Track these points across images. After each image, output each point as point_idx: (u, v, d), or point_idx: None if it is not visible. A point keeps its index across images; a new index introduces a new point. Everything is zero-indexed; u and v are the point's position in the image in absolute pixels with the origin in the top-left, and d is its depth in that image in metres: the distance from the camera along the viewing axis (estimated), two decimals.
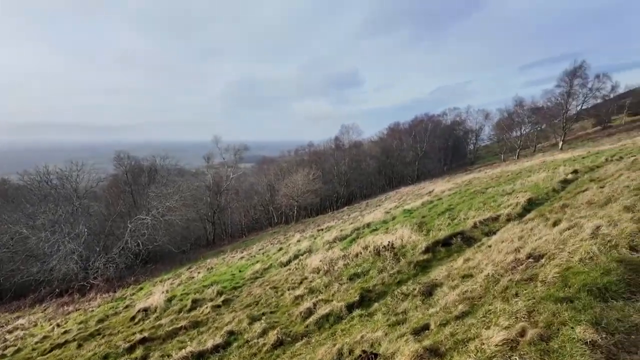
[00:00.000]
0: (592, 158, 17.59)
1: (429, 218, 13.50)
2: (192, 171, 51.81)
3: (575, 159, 20.16)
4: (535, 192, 11.76)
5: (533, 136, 62.87)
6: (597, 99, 50.37)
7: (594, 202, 7.50)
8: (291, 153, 68.44)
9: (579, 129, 68.93)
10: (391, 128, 78.62)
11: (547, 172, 15.36)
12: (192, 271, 20.56)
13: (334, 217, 33.90)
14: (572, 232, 5.18)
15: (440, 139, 73.89)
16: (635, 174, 8.42)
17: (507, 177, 19.84)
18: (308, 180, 44.92)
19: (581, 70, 45.80)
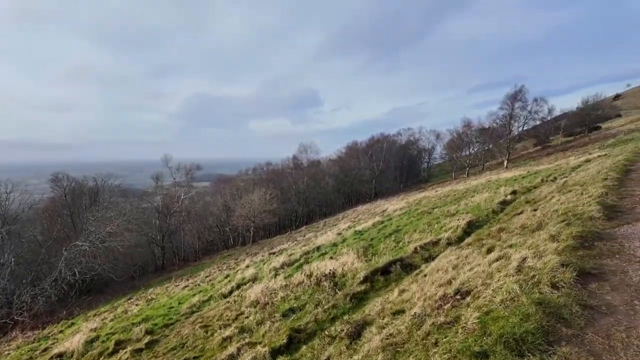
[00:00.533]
0: (530, 178, 18.42)
1: (377, 240, 13.26)
2: (142, 192, 49.05)
3: (516, 178, 21.08)
4: (476, 214, 11.90)
5: (481, 155, 66.21)
6: (536, 120, 54.08)
7: (527, 226, 7.53)
8: (249, 172, 67.16)
9: (522, 149, 73.63)
10: (349, 147, 79.80)
11: (489, 193, 15.79)
12: (132, 302, 18.92)
13: (290, 238, 33.13)
14: (500, 265, 4.99)
15: (395, 157, 75.81)
16: (564, 197, 8.62)
17: (454, 197, 20.29)
18: (265, 200, 43.96)
19: (521, 94, 49.21)
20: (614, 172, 9.61)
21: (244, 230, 45.79)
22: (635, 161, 11.40)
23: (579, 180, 10.32)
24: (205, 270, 25.07)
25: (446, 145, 77.01)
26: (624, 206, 6.84)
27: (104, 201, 30.13)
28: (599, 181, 9.05)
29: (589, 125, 62.05)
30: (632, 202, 7.05)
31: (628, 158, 11.55)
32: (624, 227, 5.71)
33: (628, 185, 8.47)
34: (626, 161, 11.18)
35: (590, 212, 6.46)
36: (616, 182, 8.68)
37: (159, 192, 37.29)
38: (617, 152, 15.68)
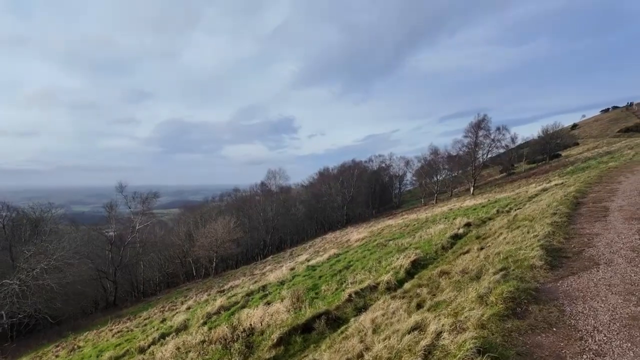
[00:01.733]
0: (489, 208, 17.82)
1: (323, 280, 11.99)
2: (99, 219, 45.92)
3: (475, 207, 20.52)
4: (426, 250, 10.90)
5: (449, 182, 66.90)
6: (500, 148, 55.24)
7: (467, 271, 6.52)
8: (215, 199, 64.84)
9: (488, 175, 75.11)
10: (321, 173, 79.12)
11: (445, 224, 14.94)
12: (57, 351, 16.59)
13: (249, 271, 31.19)
14: (413, 340, 3.83)
15: (367, 184, 75.58)
16: (511, 234, 7.72)
17: (414, 227, 19.42)
18: (229, 229, 41.91)
19: (484, 122, 50.27)
20: (564, 205, 8.85)
21: (206, 261, 43.30)
22: (586, 192, 10.78)
23: (529, 214, 9.52)
24: (149, 309, 22.78)
25: (415, 172, 77.72)
26: (570, 249, 5.93)
27: (44, 233, 27.46)
28: (548, 216, 8.23)
29: (550, 153, 64.11)
30: (579, 244, 6.16)
31: (579, 189, 10.93)
32: (567, 280, 4.73)
33: (577, 222, 7.67)
34: (577, 192, 10.53)
35: (532, 258, 5.49)
36: (565, 218, 7.86)
37: (112, 222, 34.65)
38: (571, 182, 15.28)
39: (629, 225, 7.07)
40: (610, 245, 5.97)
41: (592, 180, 13.27)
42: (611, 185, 11.67)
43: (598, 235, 6.65)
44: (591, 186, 11.89)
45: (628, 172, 14.96)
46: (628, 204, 8.73)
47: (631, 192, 10.15)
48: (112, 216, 34.91)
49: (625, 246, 5.86)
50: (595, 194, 10.55)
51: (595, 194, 10.57)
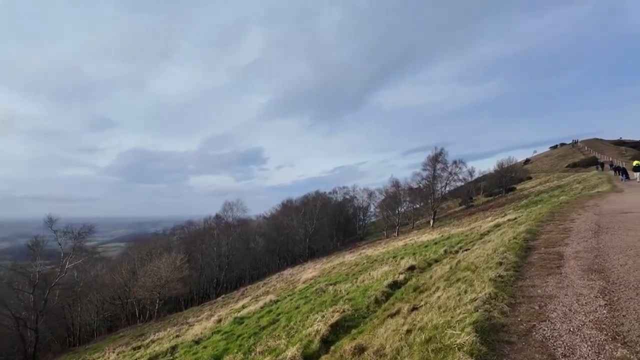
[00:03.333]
0: (439, 246, 16.28)
1: (236, 343, 9.63)
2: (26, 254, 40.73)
3: (427, 243, 19.01)
4: (358, 304, 8.92)
5: (411, 214, 66.40)
6: (457, 181, 55.60)
7: (384, 352, 4.58)
8: (167, 232, 60.45)
9: (449, 208, 75.54)
10: (284, 205, 76.74)
11: (390, 265, 13.14)
12: None
13: (185, 318, 27.79)
14: None
15: (331, 216, 73.87)
16: (446, 294, 5.90)
17: (362, 267, 17.52)
18: (174, 266, 38.22)
19: (441, 156, 50.59)
20: (512, 251, 7.22)
21: (149, 303, 39.01)
22: (537, 232, 9.32)
23: (473, 261, 7.82)
24: None
25: (378, 204, 77.10)
26: (515, 327, 4.13)
27: None
28: (492, 266, 6.52)
29: (506, 187, 65.44)
30: (527, 315, 4.40)
31: (530, 229, 9.47)
32: None
33: (526, 275, 5.99)
34: (528, 233, 9.04)
35: (459, 349, 3.62)
36: (512, 270, 6.17)
37: (36, 259, 30.26)
38: (523, 218, 14.04)
39: (588, 281, 5.45)
40: (569, 319, 4.23)
41: (544, 217, 11.97)
42: (564, 224, 10.33)
43: (552, 298, 4.94)
44: (543, 224, 10.51)
45: (579, 207, 13.90)
46: (584, 249, 7.25)
47: (585, 233, 8.77)
48: (38, 253, 30.62)
49: (588, 320, 4.13)
50: (548, 234, 9.10)
51: (547, 234, 9.12)
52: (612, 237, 8.04)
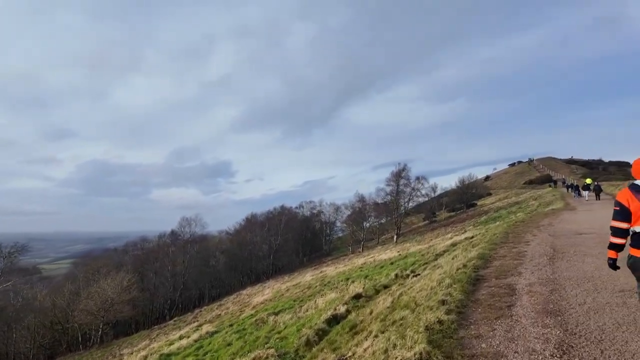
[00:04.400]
0: (393, 267, 15.24)
1: None
2: None
3: (383, 264, 17.96)
4: (288, 344, 7.53)
5: (376, 229, 65.98)
6: (420, 197, 55.89)
7: None
8: (118, 249, 56.40)
9: (413, 223, 75.94)
10: (247, 220, 74.25)
11: (337, 292, 11.85)
12: None
13: (129, 344, 25.12)
14: None
15: (297, 231, 72.20)
16: (375, 344, 4.64)
17: (314, 290, 16.15)
18: (122, 287, 35.10)
19: (404, 172, 50.73)
20: (459, 285, 6.14)
21: (92, 327, 35.47)
22: (490, 258, 8.36)
23: (416, 295, 6.68)
24: None
25: (345, 219, 76.36)
26: None
27: None
28: (434, 307, 5.35)
29: (467, 202, 66.61)
30: None
31: (483, 253, 8.50)
32: None
33: (471, 319, 4.86)
34: (479, 259, 8.06)
35: None
36: (455, 314, 5.03)
37: None
38: (477, 239, 13.24)
39: (543, 328, 4.36)
40: None
41: (499, 238, 11.15)
42: (518, 247, 9.49)
43: (498, 358, 3.80)
44: (497, 247, 9.62)
45: (534, 227, 13.28)
46: (539, 281, 6.28)
47: (540, 259, 7.89)
48: None
49: None
50: (501, 260, 8.15)
51: (500, 260, 8.17)
52: (569, 264, 7.17)
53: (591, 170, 69.51)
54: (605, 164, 79.90)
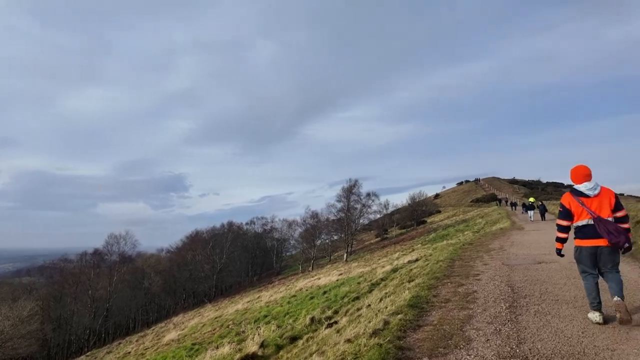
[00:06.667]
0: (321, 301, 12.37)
1: None
2: None
3: (313, 294, 15.04)
4: None
5: (328, 246, 63.32)
6: (371, 214, 54.32)
7: None
8: (32, 271, 48.81)
9: (366, 240, 74.31)
10: (191, 237, 68.54)
11: (232, 346, 8.69)
12: None
13: None
14: None
15: (246, 249, 67.81)
16: None
17: (220, 333, 12.83)
18: (20, 319, 29.12)
19: (355, 188, 48.85)
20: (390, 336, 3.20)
21: None
22: (427, 304, 5.72)
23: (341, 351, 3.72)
24: None
25: (298, 236, 73.12)
26: None
27: None
28: None
29: (417, 219, 66.12)
30: None
31: (417, 297, 5.86)
32: None
33: None
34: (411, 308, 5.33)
35: None
36: None
37: None
38: (420, 264, 10.73)
39: None
40: None
41: (443, 267, 8.64)
42: (466, 283, 6.96)
43: None
44: (438, 284, 7.02)
45: (484, 251, 11.04)
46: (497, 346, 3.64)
47: (496, 307, 5.34)
48: None
49: None
50: (442, 309, 5.52)
51: (440, 308, 5.54)
52: (539, 321, 4.63)
53: (531, 190, 72.19)
54: (544, 185, 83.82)
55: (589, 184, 4.37)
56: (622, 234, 4.09)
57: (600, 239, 4.19)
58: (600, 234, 4.16)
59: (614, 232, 4.08)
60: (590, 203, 4.28)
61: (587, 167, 4.44)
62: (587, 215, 4.27)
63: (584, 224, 4.32)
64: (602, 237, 4.16)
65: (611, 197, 4.28)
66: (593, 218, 4.21)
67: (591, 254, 4.29)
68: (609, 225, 4.13)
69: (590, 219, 4.25)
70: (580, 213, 4.32)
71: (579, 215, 4.34)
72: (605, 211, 4.22)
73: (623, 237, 4.08)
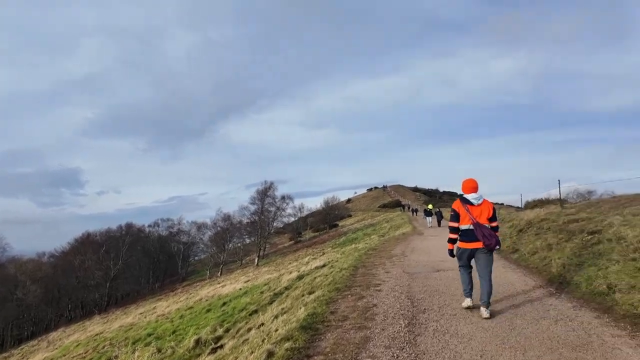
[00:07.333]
0: (217, 315, 11.07)
1: None
2: None
3: (211, 306, 13.59)
4: None
5: (239, 250, 60.85)
6: (285, 217, 53.67)
7: None
8: None
9: (279, 243, 73.46)
10: (80, 240, 59.82)
11: None
12: None
13: None
14: None
15: (147, 253, 61.52)
16: None
17: (95, 355, 10.68)
18: None
19: (271, 190, 47.74)
20: None
21: None
22: (322, 324, 4.94)
23: None
24: None
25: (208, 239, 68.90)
26: None
27: None
28: None
29: (330, 223, 67.56)
30: None
31: (313, 315, 5.11)
32: None
33: None
34: (302, 332, 4.56)
35: None
36: None
37: None
38: (325, 272, 10.13)
39: None
40: None
41: (346, 276, 8.09)
42: (366, 295, 6.44)
43: None
44: (338, 298, 6.35)
45: (387, 257, 10.93)
46: None
47: (395, 325, 4.83)
48: None
49: None
50: (337, 329, 4.85)
51: (336, 328, 4.88)
52: (437, 343, 4.16)
53: (431, 198, 79.39)
54: (441, 193, 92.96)
55: (475, 194, 5.06)
56: (494, 238, 4.81)
57: (478, 242, 4.84)
58: (478, 237, 4.82)
59: (487, 236, 4.77)
60: (474, 210, 4.95)
61: (474, 181, 5.16)
62: (469, 221, 4.91)
63: (466, 228, 4.96)
64: (479, 240, 4.81)
65: (490, 208, 5.00)
66: (473, 223, 4.86)
67: (470, 254, 5.01)
68: (485, 229, 4.82)
69: (471, 224, 4.89)
70: (465, 218, 4.95)
71: (464, 219, 4.97)
72: (483, 219, 4.91)
73: (494, 240, 4.80)
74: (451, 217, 5.18)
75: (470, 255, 5.04)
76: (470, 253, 5.01)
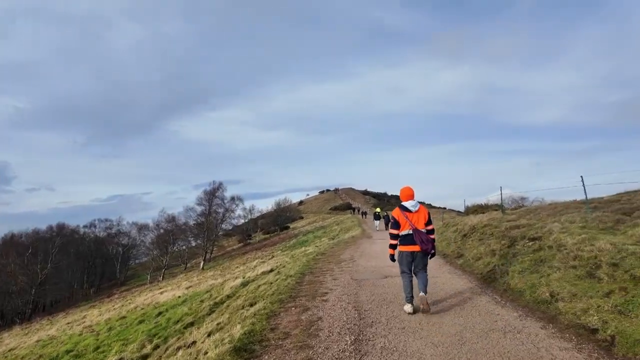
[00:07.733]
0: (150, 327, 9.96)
1: None
2: None
3: (143, 317, 12.31)
4: None
5: (184, 253, 57.80)
6: (237, 218, 51.84)
7: None
8: None
9: (227, 245, 70.95)
10: (3, 242, 53.25)
11: None
12: None
13: None
14: None
15: (81, 256, 56.31)
16: None
17: None
18: None
19: (219, 191, 45.81)
20: None
21: None
22: (262, 343, 4.25)
23: None
24: None
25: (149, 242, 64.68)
26: None
27: None
28: None
29: (281, 225, 66.58)
30: None
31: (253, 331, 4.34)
32: None
33: None
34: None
35: None
36: None
37: None
38: (270, 280, 9.49)
39: None
40: None
41: (291, 285, 7.53)
42: (311, 307, 5.94)
43: None
44: (281, 310, 5.78)
45: (335, 262, 10.56)
46: None
47: (340, 342, 4.38)
48: None
49: None
50: (278, 349, 4.39)
51: (277, 349, 4.40)
52: None
53: (379, 201, 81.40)
54: (389, 197, 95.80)
55: (412, 202, 5.36)
56: (430, 243, 5.18)
57: (415, 245, 5.18)
58: (416, 242, 5.15)
59: (424, 241, 5.12)
60: (412, 217, 5.25)
61: (411, 189, 5.43)
62: (409, 227, 5.23)
63: (406, 234, 5.28)
64: (417, 244, 5.15)
65: (426, 214, 5.31)
66: (412, 229, 5.19)
67: (408, 257, 5.31)
68: (422, 235, 5.16)
69: (410, 230, 5.22)
70: (405, 225, 5.26)
71: (404, 226, 5.28)
72: (421, 224, 5.23)
73: (430, 245, 5.19)
74: (391, 224, 5.45)
75: (410, 258, 5.28)
76: (409, 256, 5.28)
